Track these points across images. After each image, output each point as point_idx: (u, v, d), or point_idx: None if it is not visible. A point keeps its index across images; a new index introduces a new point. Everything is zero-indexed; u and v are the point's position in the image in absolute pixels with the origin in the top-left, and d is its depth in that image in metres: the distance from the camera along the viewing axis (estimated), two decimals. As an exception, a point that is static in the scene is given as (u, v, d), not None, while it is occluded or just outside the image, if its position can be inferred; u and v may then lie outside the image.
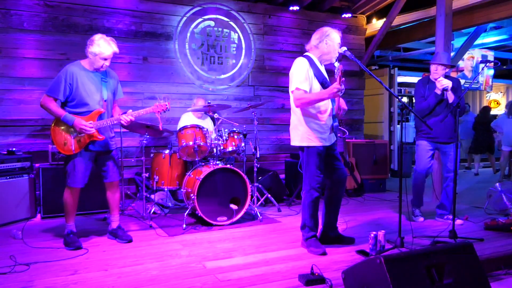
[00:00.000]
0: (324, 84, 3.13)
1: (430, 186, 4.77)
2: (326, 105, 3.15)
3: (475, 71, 8.84)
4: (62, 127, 3.21)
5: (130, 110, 3.40)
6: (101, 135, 3.28)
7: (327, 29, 3.17)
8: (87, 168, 3.30)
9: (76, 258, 3.02)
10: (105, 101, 3.32)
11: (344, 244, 3.33)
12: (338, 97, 3.02)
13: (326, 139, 3.15)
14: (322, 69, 3.23)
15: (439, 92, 3.78)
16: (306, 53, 3.22)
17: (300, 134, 3.16)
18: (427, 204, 4.39)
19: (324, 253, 3.09)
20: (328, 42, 3.14)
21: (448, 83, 3.74)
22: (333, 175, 3.28)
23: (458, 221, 3.86)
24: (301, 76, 3.06)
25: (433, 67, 3.90)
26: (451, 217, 4.08)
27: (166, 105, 3.44)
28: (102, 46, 3.20)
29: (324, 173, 3.21)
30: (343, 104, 3.20)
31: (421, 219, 4.10)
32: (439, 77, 3.83)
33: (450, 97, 3.82)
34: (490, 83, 9.73)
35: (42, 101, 3.20)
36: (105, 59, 3.24)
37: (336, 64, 2.93)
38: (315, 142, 3.11)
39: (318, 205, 3.21)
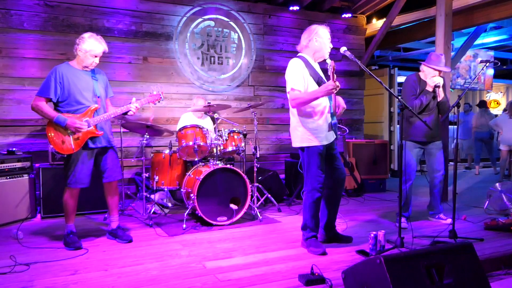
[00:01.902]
0: (320, 83, 3.14)
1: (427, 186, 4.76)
2: (323, 104, 3.14)
3: (469, 71, 8.88)
4: (58, 127, 3.17)
5: (134, 98, 3.43)
6: (100, 130, 3.28)
7: (314, 27, 3.19)
8: (89, 167, 3.29)
9: (76, 258, 3.02)
10: (98, 97, 3.32)
11: (342, 243, 3.35)
12: (333, 94, 3.04)
13: (325, 138, 3.15)
14: (317, 68, 3.24)
15: (431, 89, 3.78)
16: (299, 54, 3.24)
17: (300, 135, 3.17)
18: (425, 203, 4.38)
19: (324, 253, 3.09)
20: (318, 39, 3.16)
21: (440, 80, 3.75)
22: (333, 175, 3.29)
23: (450, 220, 3.77)
24: (295, 77, 3.08)
25: (429, 70, 3.87)
26: (442, 216, 4.08)
27: (160, 94, 3.47)
28: (93, 44, 3.21)
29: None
30: (341, 102, 3.22)
31: (404, 224, 3.84)
32: (431, 75, 3.82)
33: (440, 95, 3.81)
34: (483, 81, 9.71)
35: (33, 103, 3.16)
36: (95, 56, 3.25)
37: (328, 61, 2.95)
38: (314, 142, 3.11)
39: (319, 206, 3.22)
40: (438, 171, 3.99)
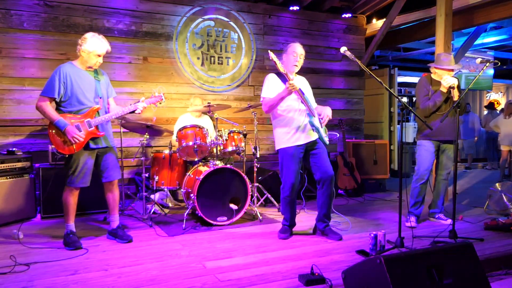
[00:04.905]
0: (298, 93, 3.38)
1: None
2: (291, 107, 3.41)
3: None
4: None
5: (143, 98, 3.50)
6: (101, 131, 3.28)
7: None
8: (89, 167, 3.30)
9: (76, 258, 3.02)
10: (100, 98, 3.34)
11: (328, 237, 3.49)
12: (290, 92, 3.24)
13: (298, 139, 3.41)
14: (297, 79, 3.52)
15: (445, 90, 3.76)
16: None
17: (275, 139, 3.53)
18: (426, 203, 4.39)
19: (285, 238, 3.48)
20: (283, 55, 3.52)
21: (454, 81, 3.73)
22: (317, 174, 3.48)
23: (450, 220, 3.78)
24: (265, 88, 3.47)
25: (441, 71, 3.88)
26: (442, 216, 4.08)
27: (162, 96, 3.52)
28: (96, 43, 3.22)
29: (311, 171, 3.52)
30: (326, 111, 3.43)
31: (414, 223, 3.89)
32: (444, 76, 3.80)
33: (456, 94, 3.80)
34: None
35: (37, 103, 3.19)
36: (99, 56, 3.26)
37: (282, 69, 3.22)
38: (285, 144, 3.42)
39: (289, 203, 3.51)
40: (446, 169, 4.02)
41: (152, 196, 4.66)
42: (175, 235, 3.63)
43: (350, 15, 6.43)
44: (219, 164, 4.05)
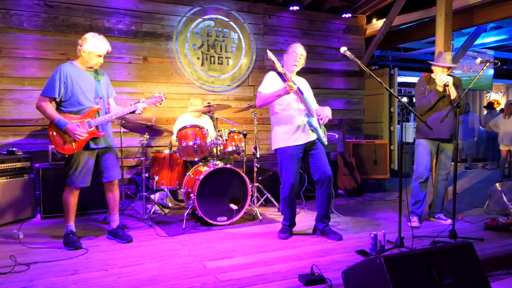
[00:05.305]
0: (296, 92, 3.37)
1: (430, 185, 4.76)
2: (290, 106, 3.41)
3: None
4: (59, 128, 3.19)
5: (143, 98, 3.50)
6: (101, 131, 3.28)
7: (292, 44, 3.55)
8: (89, 168, 3.30)
9: (76, 258, 3.02)
10: (100, 98, 3.33)
11: (328, 237, 3.49)
12: (288, 92, 3.20)
13: (297, 139, 3.40)
14: (297, 80, 3.52)
15: (441, 89, 3.77)
16: None
17: (273, 138, 3.53)
18: (426, 203, 4.39)
19: (285, 238, 3.48)
20: (284, 55, 3.55)
21: (448, 79, 3.74)
22: (315, 175, 3.48)
23: (450, 220, 3.76)
24: (264, 82, 3.49)
25: (436, 68, 3.91)
26: (442, 216, 4.09)
27: (162, 96, 3.52)
28: (96, 44, 3.22)
29: (310, 171, 3.53)
30: (325, 112, 3.43)
31: (416, 223, 3.92)
32: (439, 74, 3.81)
33: (453, 93, 3.80)
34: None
35: (37, 103, 3.18)
36: (100, 56, 3.26)
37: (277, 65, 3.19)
38: (284, 143, 3.42)
39: (288, 203, 3.50)
40: (446, 169, 4.03)
41: (152, 196, 4.66)
42: (175, 235, 3.63)
43: (350, 15, 6.43)
44: (219, 164, 4.05)
